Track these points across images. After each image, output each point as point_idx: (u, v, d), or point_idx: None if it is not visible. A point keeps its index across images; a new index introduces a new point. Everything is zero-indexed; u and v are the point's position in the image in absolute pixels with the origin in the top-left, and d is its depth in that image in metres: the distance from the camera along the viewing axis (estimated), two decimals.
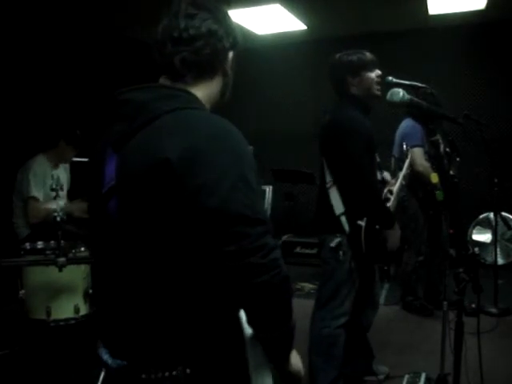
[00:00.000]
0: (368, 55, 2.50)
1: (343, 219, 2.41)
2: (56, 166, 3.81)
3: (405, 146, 2.93)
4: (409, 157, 2.79)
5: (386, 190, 2.51)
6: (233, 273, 1.00)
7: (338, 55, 2.54)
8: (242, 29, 5.63)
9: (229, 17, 1.24)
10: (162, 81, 1.20)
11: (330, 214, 2.45)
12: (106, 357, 1.17)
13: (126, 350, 1.12)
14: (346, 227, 2.40)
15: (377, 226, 2.37)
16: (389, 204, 2.48)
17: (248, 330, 1.13)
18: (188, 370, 1.08)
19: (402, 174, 2.61)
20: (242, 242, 0.98)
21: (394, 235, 2.48)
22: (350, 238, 2.40)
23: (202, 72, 1.19)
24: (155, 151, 1.02)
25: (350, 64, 2.48)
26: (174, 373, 1.07)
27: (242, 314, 1.12)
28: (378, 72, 2.50)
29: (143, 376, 1.08)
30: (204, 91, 1.19)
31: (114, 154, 1.11)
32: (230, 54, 1.24)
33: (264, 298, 1.02)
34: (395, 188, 2.55)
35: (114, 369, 1.14)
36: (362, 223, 2.34)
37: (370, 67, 2.48)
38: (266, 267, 1.00)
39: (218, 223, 0.99)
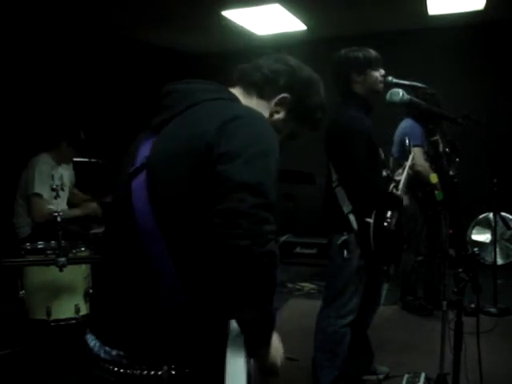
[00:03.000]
0: (373, 53, 2.49)
1: (351, 217, 2.41)
2: (59, 165, 3.82)
3: (407, 141, 2.92)
4: (412, 152, 2.78)
5: (391, 186, 2.51)
6: (218, 230, 1.00)
7: (342, 51, 2.52)
8: (241, 29, 5.68)
9: (305, 75, 1.34)
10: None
11: (337, 212, 2.45)
12: (92, 343, 1.17)
13: (117, 341, 1.13)
14: (355, 225, 2.40)
15: (385, 223, 2.36)
16: None
17: (233, 336, 1.11)
18: (173, 372, 1.08)
19: (407, 166, 2.60)
20: (238, 205, 1.00)
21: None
22: (358, 235, 2.40)
23: (250, 86, 1.31)
24: (192, 128, 1.11)
25: (355, 61, 2.45)
26: (159, 372, 1.08)
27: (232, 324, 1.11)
28: (382, 71, 2.49)
29: (128, 371, 1.09)
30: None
31: (150, 139, 1.18)
32: (282, 96, 1.30)
33: (241, 264, 0.99)
34: (401, 180, 2.54)
35: (101, 358, 1.14)
36: (371, 221, 2.34)
37: (375, 65, 2.47)
38: (251, 233, 0.98)
39: (221, 185, 1.02)
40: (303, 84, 1.32)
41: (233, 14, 5.07)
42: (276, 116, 1.31)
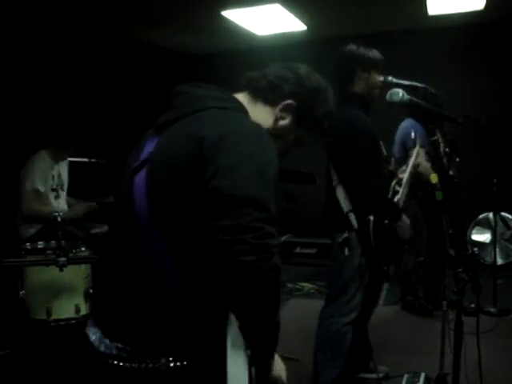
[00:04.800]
0: (380, 56, 2.49)
1: (352, 216, 2.42)
2: (56, 162, 3.81)
3: (413, 135, 2.90)
4: (417, 147, 2.77)
5: (394, 183, 2.51)
6: (223, 247, 1.01)
7: (353, 46, 2.51)
8: (241, 29, 5.68)
9: (312, 84, 1.33)
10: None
11: (338, 212, 2.45)
12: (93, 338, 1.19)
13: (116, 333, 1.15)
14: (355, 223, 2.41)
15: (386, 221, 2.37)
16: (398, 196, 2.48)
17: (232, 329, 1.12)
18: (171, 364, 1.10)
19: (411, 163, 2.60)
20: (240, 219, 1.00)
21: (403, 226, 2.48)
22: (359, 233, 2.41)
23: (256, 91, 1.32)
24: (193, 132, 1.12)
25: (364, 57, 2.46)
26: (157, 365, 1.09)
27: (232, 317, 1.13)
28: (382, 78, 2.49)
29: (126, 364, 1.11)
30: (251, 112, 1.28)
31: (155, 136, 1.21)
32: (287, 103, 1.30)
33: (248, 279, 1.01)
34: (404, 178, 2.54)
35: (101, 352, 1.16)
36: (371, 218, 2.35)
37: (379, 69, 2.48)
38: (256, 248, 0.99)
39: (223, 201, 1.02)
40: (310, 92, 1.31)
41: (233, 14, 5.06)
42: (281, 122, 1.31)
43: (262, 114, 1.30)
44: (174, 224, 1.10)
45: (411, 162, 2.59)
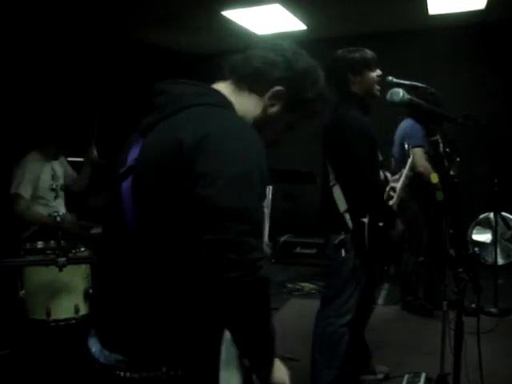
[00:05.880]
0: (369, 53, 2.49)
1: (347, 216, 2.41)
2: (49, 162, 3.77)
3: (406, 146, 2.92)
4: (411, 156, 2.77)
5: (388, 188, 2.51)
6: (208, 262, 0.99)
7: (339, 52, 2.52)
8: (241, 29, 5.70)
9: (301, 66, 1.24)
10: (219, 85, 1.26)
11: (334, 212, 2.45)
12: (94, 349, 1.18)
13: (115, 344, 1.13)
14: (350, 224, 2.40)
15: (380, 224, 2.37)
16: (391, 202, 2.48)
17: (225, 339, 1.12)
18: (171, 372, 1.08)
19: (404, 173, 2.61)
20: (223, 235, 0.97)
21: (396, 232, 2.48)
22: (353, 235, 2.40)
23: (242, 80, 1.24)
24: (174, 135, 1.07)
25: (352, 61, 2.46)
26: (158, 373, 1.08)
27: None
28: (379, 72, 2.49)
29: (127, 374, 1.10)
30: (237, 102, 1.22)
31: (140, 140, 1.16)
32: (276, 89, 1.22)
33: (233, 295, 0.99)
34: (398, 186, 2.54)
35: (100, 363, 1.15)
36: (366, 220, 2.34)
37: (372, 66, 2.47)
38: (239, 264, 0.97)
39: (206, 212, 0.99)
40: (298, 76, 1.23)
41: (233, 14, 5.07)
42: (271, 110, 1.24)
43: (248, 104, 1.23)
44: (162, 234, 1.07)
45: (405, 172, 2.59)
